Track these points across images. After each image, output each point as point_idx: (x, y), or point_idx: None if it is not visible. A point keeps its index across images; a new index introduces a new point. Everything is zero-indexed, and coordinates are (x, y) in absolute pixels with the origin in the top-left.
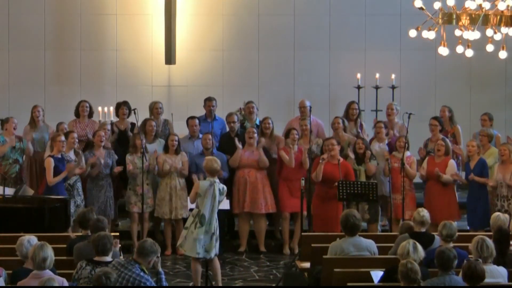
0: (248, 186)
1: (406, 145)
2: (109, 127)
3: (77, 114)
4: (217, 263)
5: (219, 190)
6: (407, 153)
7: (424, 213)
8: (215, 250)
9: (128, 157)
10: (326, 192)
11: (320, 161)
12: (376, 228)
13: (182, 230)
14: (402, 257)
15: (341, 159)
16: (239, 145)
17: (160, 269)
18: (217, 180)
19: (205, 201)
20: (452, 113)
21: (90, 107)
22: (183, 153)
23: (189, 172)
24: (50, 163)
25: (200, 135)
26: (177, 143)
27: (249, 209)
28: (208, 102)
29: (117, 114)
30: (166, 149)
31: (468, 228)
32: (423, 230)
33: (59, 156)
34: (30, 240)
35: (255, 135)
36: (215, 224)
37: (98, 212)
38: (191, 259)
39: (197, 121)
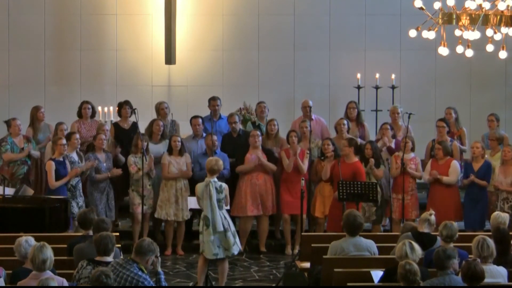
0: (257, 190)
1: (408, 145)
2: (107, 127)
3: (80, 115)
4: (225, 265)
5: (216, 188)
6: (412, 155)
7: (432, 217)
8: (237, 246)
9: (131, 158)
10: None
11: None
12: (379, 228)
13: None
14: (400, 259)
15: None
16: (257, 159)
17: (160, 270)
18: (214, 179)
19: (204, 202)
20: (458, 115)
21: (93, 108)
22: (187, 154)
23: (193, 171)
24: (51, 167)
25: (204, 135)
26: (180, 143)
27: (259, 212)
28: (213, 101)
29: (119, 114)
30: (170, 150)
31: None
32: (427, 230)
33: (60, 159)
34: (28, 240)
35: (260, 138)
36: (225, 221)
37: (100, 214)
38: (194, 258)
39: (200, 120)
